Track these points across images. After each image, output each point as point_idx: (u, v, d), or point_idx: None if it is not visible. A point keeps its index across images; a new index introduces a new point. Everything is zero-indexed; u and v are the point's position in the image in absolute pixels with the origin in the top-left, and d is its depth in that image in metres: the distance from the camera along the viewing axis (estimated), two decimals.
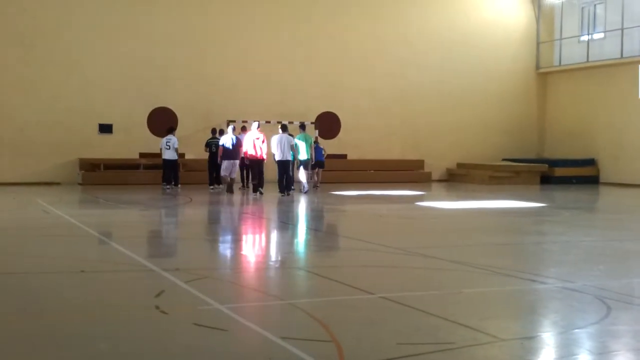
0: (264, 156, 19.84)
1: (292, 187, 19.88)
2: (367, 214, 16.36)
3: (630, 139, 26.72)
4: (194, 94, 25.03)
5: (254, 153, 19.72)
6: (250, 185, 21.16)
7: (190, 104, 24.92)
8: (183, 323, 6.09)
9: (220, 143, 20.63)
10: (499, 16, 29.49)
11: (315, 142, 22.82)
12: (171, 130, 21.94)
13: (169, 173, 21.45)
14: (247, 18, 25.79)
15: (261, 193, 19.55)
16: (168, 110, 24.69)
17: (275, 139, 19.54)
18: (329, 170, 25.18)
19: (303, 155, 20.47)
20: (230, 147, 20.26)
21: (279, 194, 19.32)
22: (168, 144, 21.38)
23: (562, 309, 6.79)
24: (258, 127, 20.22)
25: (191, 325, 5.94)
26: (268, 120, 24.80)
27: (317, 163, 22.54)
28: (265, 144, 19.80)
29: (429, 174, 27.78)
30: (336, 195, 20.73)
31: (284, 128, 19.86)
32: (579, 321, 6.27)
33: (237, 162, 20.59)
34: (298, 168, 20.71)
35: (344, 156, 26.99)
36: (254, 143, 19.72)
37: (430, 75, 28.22)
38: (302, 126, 21.70)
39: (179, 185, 21.71)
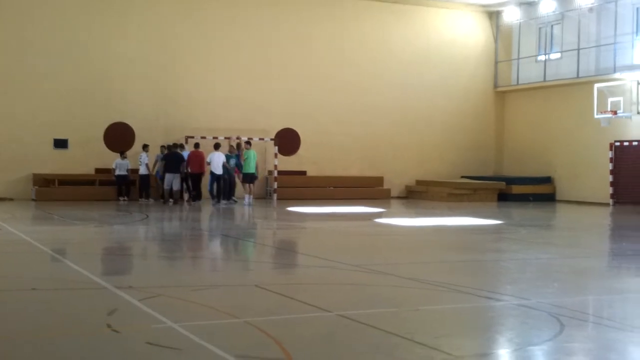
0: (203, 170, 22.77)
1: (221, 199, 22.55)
2: (325, 231, 16.32)
3: (585, 158, 27.17)
4: (152, 109, 24.81)
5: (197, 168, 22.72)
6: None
7: (149, 120, 24.69)
8: (136, 342, 5.97)
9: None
10: (459, 36, 29.85)
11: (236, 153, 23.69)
12: (145, 147, 23.28)
13: (143, 187, 23.17)
14: (207, 34, 25.70)
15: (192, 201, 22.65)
16: (125, 125, 24.43)
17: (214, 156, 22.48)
18: (289, 186, 25.46)
19: (246, 169, 22.93)
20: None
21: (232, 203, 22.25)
22: (140, 160, 23.06)
23: (517, 326, 6.81)
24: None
25: (144, 345, 5.82)
26: (227, 136, 24.68)
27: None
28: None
29: (388, 191, 27.88)
30: (294, 211, 20.67)
31: (216, 146, 22.68)
32: (533, 338, 6.29)
33: (178, 175, 22.55)
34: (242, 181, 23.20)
35: (304, 172, 26.98)
36: (197, 159, 22.69)
37: (390, 93, 28.40)
38: (248, 142, 23.62)
39: (150, 199, 23.04)
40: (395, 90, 28.48)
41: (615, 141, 26.06)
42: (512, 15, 29.88)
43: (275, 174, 25.60)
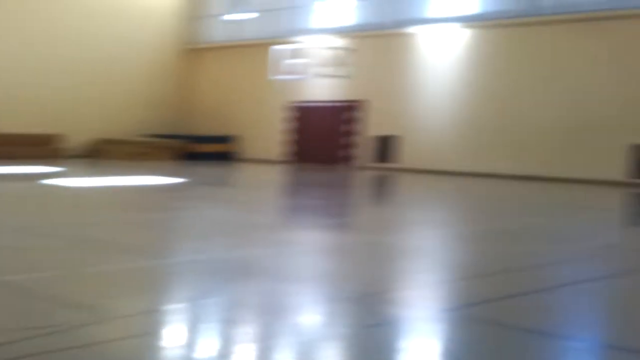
0: None
1: None
2: None
3: (264, 118, 28.33)
4: None
5: None
6: None
7: None
8: None
9: None
10: None
11: None
12: None
13: None
14: None
15: None
16: None
17: None
18: None
19: None
20: None
21: None
22: None
23: (187, 282, 6.77)
24: None
25: None
26: None
27: None
28: None
29: (69, 150, 26.58)
30: None
31: None
32: (201, 293, 6.29)
33: None
34: None
35: None
36: None
37: (74, 46, 27.03)
38: None
39: None
40: (79, 43, 27.18)
41: (294, 102, 27.46)
42: None
43: None
